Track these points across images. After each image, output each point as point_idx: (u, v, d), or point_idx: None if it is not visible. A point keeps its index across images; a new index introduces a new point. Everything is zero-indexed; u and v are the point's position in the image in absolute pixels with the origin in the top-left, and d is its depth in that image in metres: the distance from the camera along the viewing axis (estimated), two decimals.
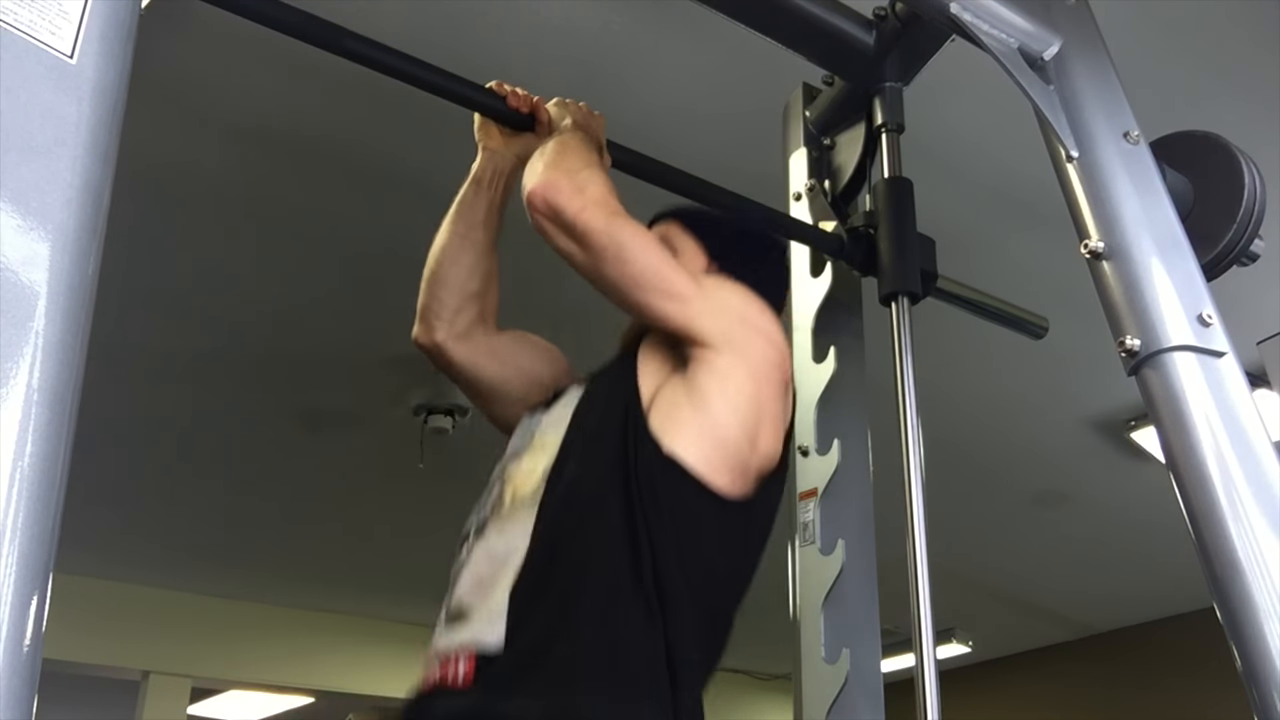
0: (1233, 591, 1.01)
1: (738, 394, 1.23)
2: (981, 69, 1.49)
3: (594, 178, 1.30)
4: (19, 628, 0.54)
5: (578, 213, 1.25)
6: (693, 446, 1.20)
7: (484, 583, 1.22)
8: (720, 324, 1.25)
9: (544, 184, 1.28)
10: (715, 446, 1.21)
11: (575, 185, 1.27)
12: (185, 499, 4.61)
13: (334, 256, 3.11)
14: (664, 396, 1.24)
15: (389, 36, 1.41)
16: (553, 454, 1.27)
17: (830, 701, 1.57)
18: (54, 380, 0.59)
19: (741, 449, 1.23)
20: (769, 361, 1.26)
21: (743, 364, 1.24)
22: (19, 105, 0.63)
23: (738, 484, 1.23)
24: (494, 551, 1.24)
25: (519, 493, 1.27)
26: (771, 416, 1.26)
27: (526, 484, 1.27)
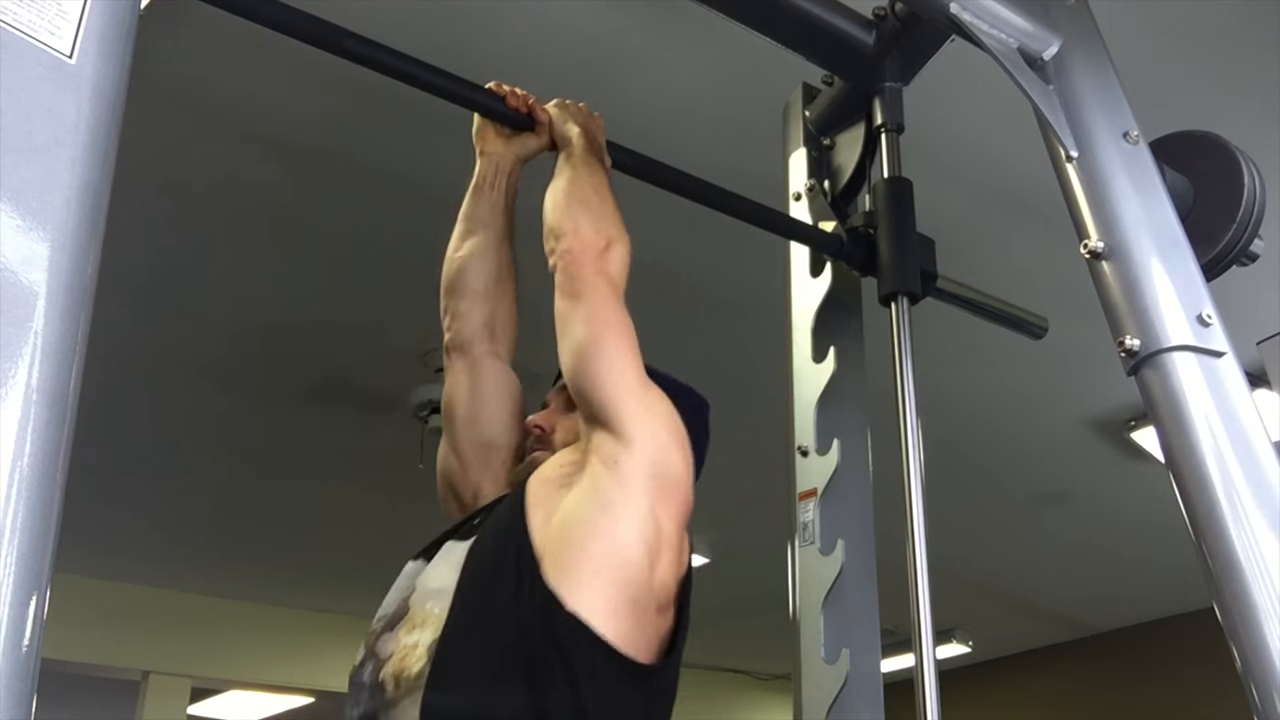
0: (1233, 591, 1.01)
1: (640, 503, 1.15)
2: (981, 69, 1.49)
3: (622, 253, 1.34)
4: (18, 628, 0.54)
5: (593, 275, 1.29)
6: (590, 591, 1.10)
7: None
8: (646, 422, 1.20)
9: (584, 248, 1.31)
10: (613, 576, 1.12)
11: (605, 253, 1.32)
12: (186, 499, 4.61)
13: (334, 257, 3.11)
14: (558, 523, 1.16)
15: (389, 36, 1.41)
16: (436, 630, 1.15)
17: (830, 701, 1.57)
18: (53, 380, 0.59)
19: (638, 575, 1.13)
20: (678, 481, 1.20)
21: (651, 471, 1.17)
22: (18, 105, 0.63)
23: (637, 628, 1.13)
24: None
25: (402, 675, 1.15)
26: (670, 542, 1.17)
27: (408, 664, 1.15)
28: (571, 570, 1.12)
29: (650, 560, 1.14)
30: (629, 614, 1.12)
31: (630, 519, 1.14)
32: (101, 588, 5.36)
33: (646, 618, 1.15)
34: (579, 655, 1.09)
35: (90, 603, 5.27)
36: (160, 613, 5.54)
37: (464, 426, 1.45)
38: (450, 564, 1.23)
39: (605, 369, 1.22)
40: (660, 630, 1.18)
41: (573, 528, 1.15)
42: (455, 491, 1.45)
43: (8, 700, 0.53)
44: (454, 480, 1.45)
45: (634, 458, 1.17)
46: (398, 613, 1.24)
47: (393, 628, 1.22)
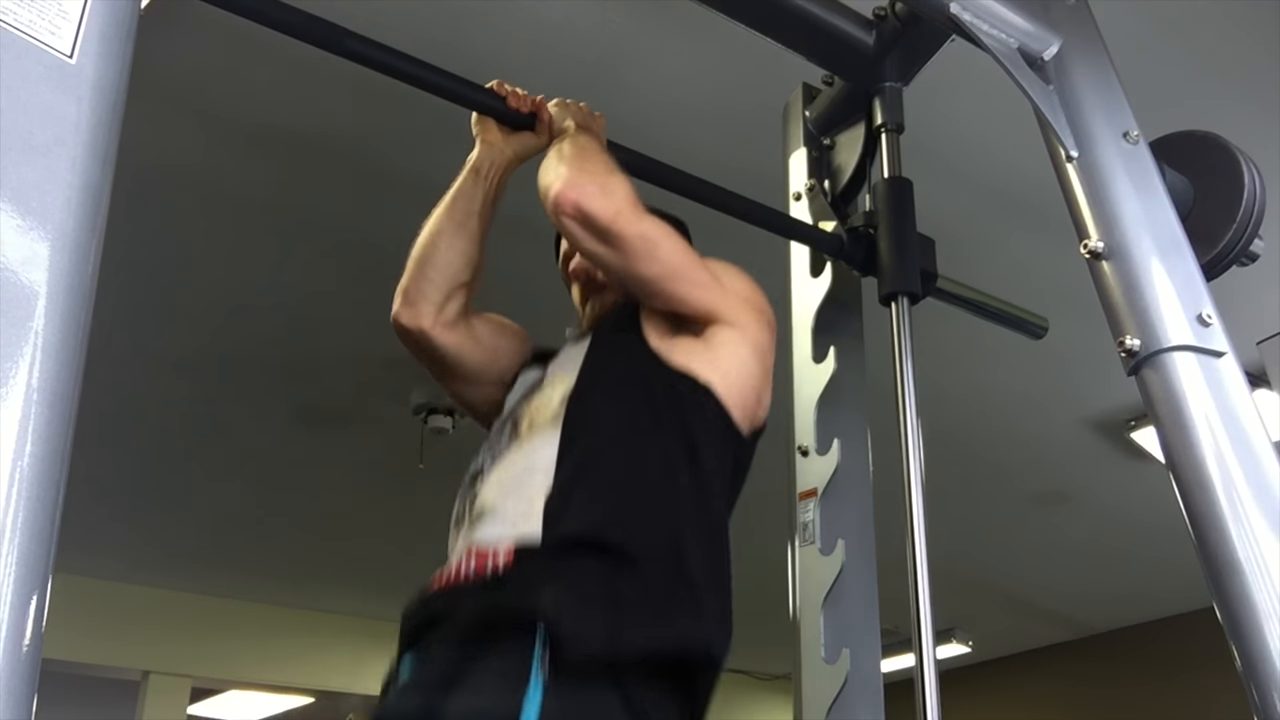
0: (1233, 591, 1.01)
1: (749, 359, 1.36)
2: (981, 69, 1.49)
3: (619, 181, 1.35)
4: (19, 628, 0.54)
5: (612, 218, 1.30)
6: (721, 382, 1.31)
7: (509, 488, 1.25)
8: (734, 306, 1.37)
9: (572, 188, 1.31)
10: (737, 391, 1.33)
11: (603, 189, 1.32)
12: (186, 499, 4.61)
13: (334, 256, 3.11)
14: (681, 347, 1.34)
15: (389, 36, 1.41)
16: (569, 384, 1.33)
17: (830, 701, 1.57)
18: (54, 380, 0.59)
19: (752, 402, 1.35)
20: (766, 337, 1.40)
21: (748, 339, 1.36)
22: (19, 105, 0.63)
23: (744, 424, 1.35)
24: (516, 467, 1.28)
25: (536, 420, 1.32)
26: (767, 382, 1.40)
27: (544, 412, 1.32)
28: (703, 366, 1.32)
29: (759, 392, 1.37)
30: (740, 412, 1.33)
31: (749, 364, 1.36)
32: (101, 588, 5.36)
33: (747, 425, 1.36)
34: (700, 408, 1.29)
35: (90, 603, 5.27)
36: (160, 613, 5.54)
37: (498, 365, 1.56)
38: (575, 352, 1.42)
39: (690, 289, 1.34)
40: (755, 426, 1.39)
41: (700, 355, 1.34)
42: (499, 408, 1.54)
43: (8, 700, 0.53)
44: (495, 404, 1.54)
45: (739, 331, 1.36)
46: (528, 391, 1.42)
47: (527, 398, 1.40)
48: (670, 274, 1.34)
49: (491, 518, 1.23)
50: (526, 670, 1.06)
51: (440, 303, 1.51)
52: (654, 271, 1.33)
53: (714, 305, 1.35)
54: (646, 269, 1.32)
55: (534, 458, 1.26)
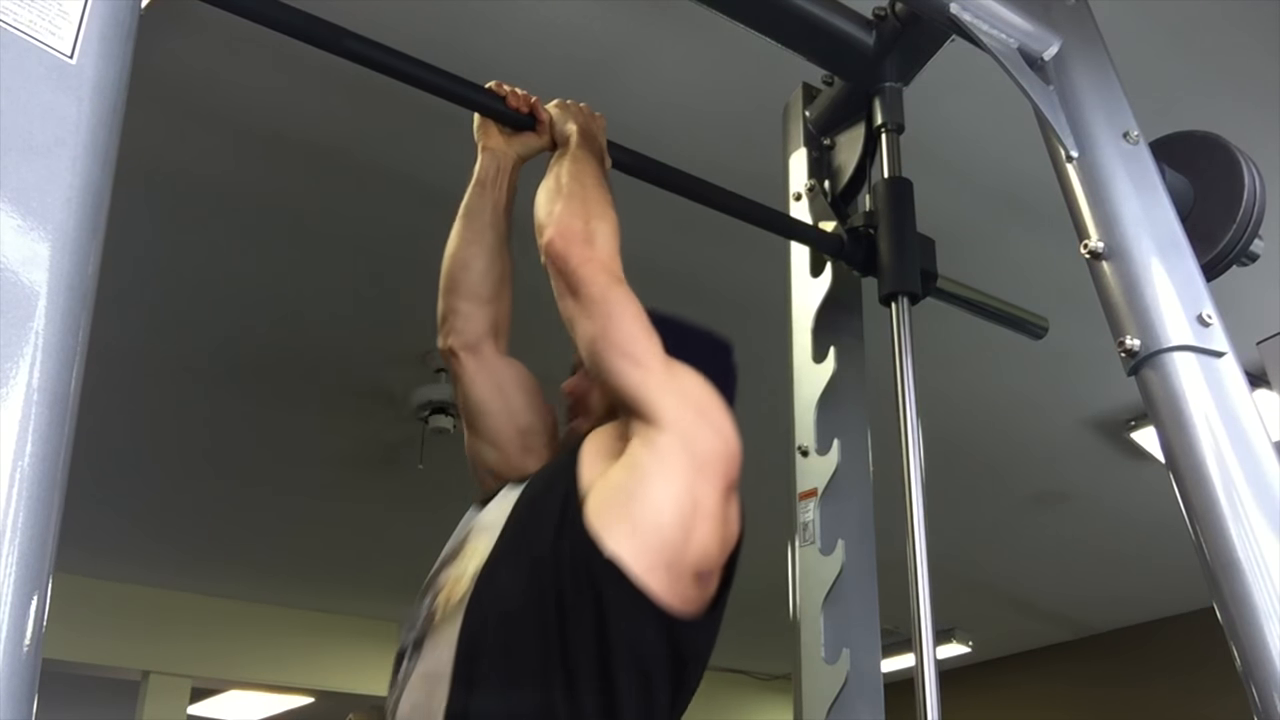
0: (1233, 591, 1.01)
1: (677, 479, 1.18)
2: (981, 69, 1.49)
3: (606, 231, 1.32)
4: (19, 628, 0.54)
5: (581, 264, 1.27)
6: (628, 542, 1.14)
7: (419, 709, 1.18)
8: (674, 405, 1.21)
9: (562, 233, 1.29)
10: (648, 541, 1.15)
11: (588, 236, 1.29)
12: (185, 499, 4.61)
13: (335, 257, 3.11)
14: (602, 483, 1.20)
15: (389, 36, 1.41)
16: (482, 558, 1.24)
17: (830, 701, 1.57)
18: (54, 380, 0.59)
19: (674, 542, 1.16)
20: (715, 455, 1.21)
21: (685, 451, 1.19)
22: (19, 105, 0.63)
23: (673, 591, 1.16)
24: (427, 672, 1.20)
25: (449, 602, 1.24)
26: (709, 513, 1.19)
27: (455, 591, 1.24)
28: (611, 524, 1.16)
29: (685, 531, 1.17)
30: (665, 573, 1.16)
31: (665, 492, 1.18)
32: (101, 588, 5.36)
33: (683, 583, 1.18)
34: (610, 591, 1.13)
35: (90, 603, 5.27)
36: (160, 613, 5.53)
37: (498, 421, 1.48)
38: (504, 505, 1.32)
39: (621, 363, 1.24)
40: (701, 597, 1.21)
41: (615, 492, 1.19)
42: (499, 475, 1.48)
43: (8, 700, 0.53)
44: (496, 468, 1.48)
45: (670, 439, 1.20)
46: (453, 551, 1.34)
47: (447, 564, 1.32)
48: (612, 339, 1.23)
49: None
50: None
51: (462, 324, 1.49)
52: (600, 331, 1.24)
53: (643, 392, 1.21)
54: (594, 326, 1.25)
55: (439, 663, 1.18)
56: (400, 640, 1.30)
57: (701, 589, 1.21)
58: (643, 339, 1.25)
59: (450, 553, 1.34)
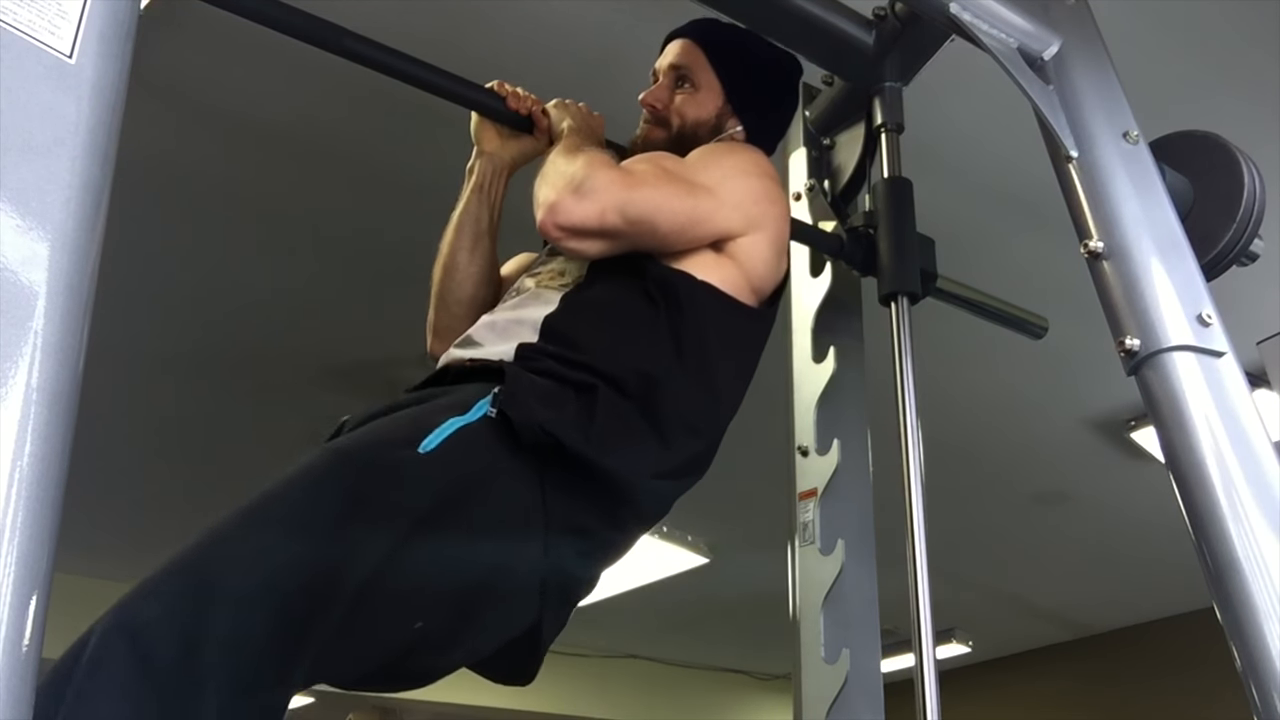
0: (1233, 591, 1.01)
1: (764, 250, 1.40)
2: (981, 69, 1.49)
3: (583, 166, 1.31)
4: (18, 628, 0.54)
5: (599, 218, 1.28)
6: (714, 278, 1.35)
7: (499, 328, 1.31)
8: (741, 216, 1.38)
9: (550, 212, 1.29)
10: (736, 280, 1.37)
11: (578, 194, 1.27)
12: (186, 499, 4.60)
13: (334, 256, 3.11)
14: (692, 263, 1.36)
15: (389, 36, 1.41)
16: (580, 269, 1.37)
17: (830, 701, 1.57)
18: (54, 380, 0.59)
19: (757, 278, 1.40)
20: (781, 221, 1.44)
21: (765, 236, 1.40)
22: (18, 105, 0.63)
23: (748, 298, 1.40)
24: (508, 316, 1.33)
25: (542, 280, 1.38)
26: (779, 253, 1.44)
27: (553, 281, 1.37)
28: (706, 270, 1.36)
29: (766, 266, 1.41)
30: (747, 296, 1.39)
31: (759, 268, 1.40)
32: (101, 588, 5.33)
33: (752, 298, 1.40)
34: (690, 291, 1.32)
35: (90, 603, 5.24)
36: None
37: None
38: None
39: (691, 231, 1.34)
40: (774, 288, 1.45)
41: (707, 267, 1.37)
42: None
43: (8, 700, 0.53)
44: None
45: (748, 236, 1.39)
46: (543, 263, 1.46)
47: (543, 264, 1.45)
48: (675, 233, 1.34)
49: (471, 345, 1.32)
50: (469, 405, 1.13)
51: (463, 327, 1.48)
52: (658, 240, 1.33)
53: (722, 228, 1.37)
54: (650, 241, 1.33)
55: (528, 312, 1.31)
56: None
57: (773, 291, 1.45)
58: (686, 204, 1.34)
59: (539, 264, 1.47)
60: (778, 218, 1.44)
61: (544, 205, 1.29)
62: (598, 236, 1.29)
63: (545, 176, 1.34)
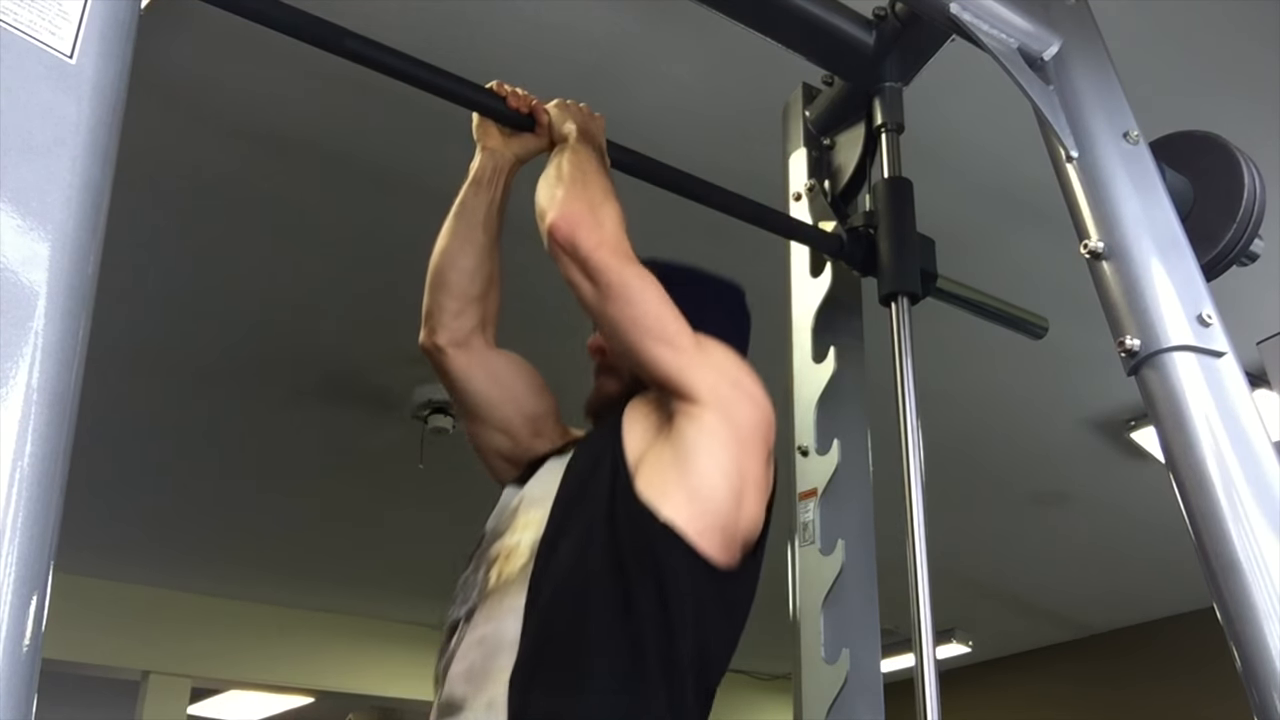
0: (1233, 591, 1.01)
1: (723, 452, 1.23)
2: (981, 69, 1.49)
3: (612, 214, 1.32)
4: (19, 628, 0.54)
5: (593, 249, 1.26)
6: (684, 510, 1.19)
7: (476, 672, 1.20)
8: (710, 381, 1.25)
9: (566, 216, 1.28)
10: (703, 509, 1.21)
11: (596, 220, 1.29)
12: (186, 499, 4.61)
13: (335, 257, 3.11)
14: (650, 458, 1.24)
15: (389, 36, 1.41)
16: (539, 529, 1.26)
17: (830, 701, 1.57)
18: (54, 380, 0.59)
19: (727, 511, 1.22)
20: (755, 425, 1.26)
21: (728, 424, 1.24)
22: (19, 105, 0.63)
23: (725, 552, 1.23)
24: (484, 638, 1.22)
25: (505, 572, 1.25)
26: (755, 481, 1.26)
27: (513, 562, 1.25)
28: (666, 494, 1.21)
29: (737, 501, 1.23)
30: (718, 537, 1.21)
31: (715, 465, 1.22)
32: (101, 588, 5.35)
33: (733, 547, 1.24)
34: (667, 555, 1.18)
35: (90, 603, 5.27)
36: (160, 613, 5.53)
37: (504, 410, 1.51)
38: (551, 476, 1.34)
39: (654, 347, 1.26)
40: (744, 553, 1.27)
41: (666, 466, 1.23)
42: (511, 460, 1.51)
43: (8, 700, 0.53)
44: (509, 454, 1.51)
45: (711, 413, 1.24)
46: (502, 525, 1.35)
47: (497, 538, 1.33)
48: (640, 323, 1.25)
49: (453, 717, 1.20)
50: None
51: (451, 321, 1.50)
52: (625, 316, 1.26)
53: (680, 374, 1.24)
54: (618, 311, 1.26)
55: (499, 629, 1.20)
56: (449, 615, 1.32)
57: (745, 548, 1.27)
58: (670, 319, 1.27)
59: (498, 528, 1.35)
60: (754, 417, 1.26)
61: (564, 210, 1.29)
62: (579, 267, 1.27)
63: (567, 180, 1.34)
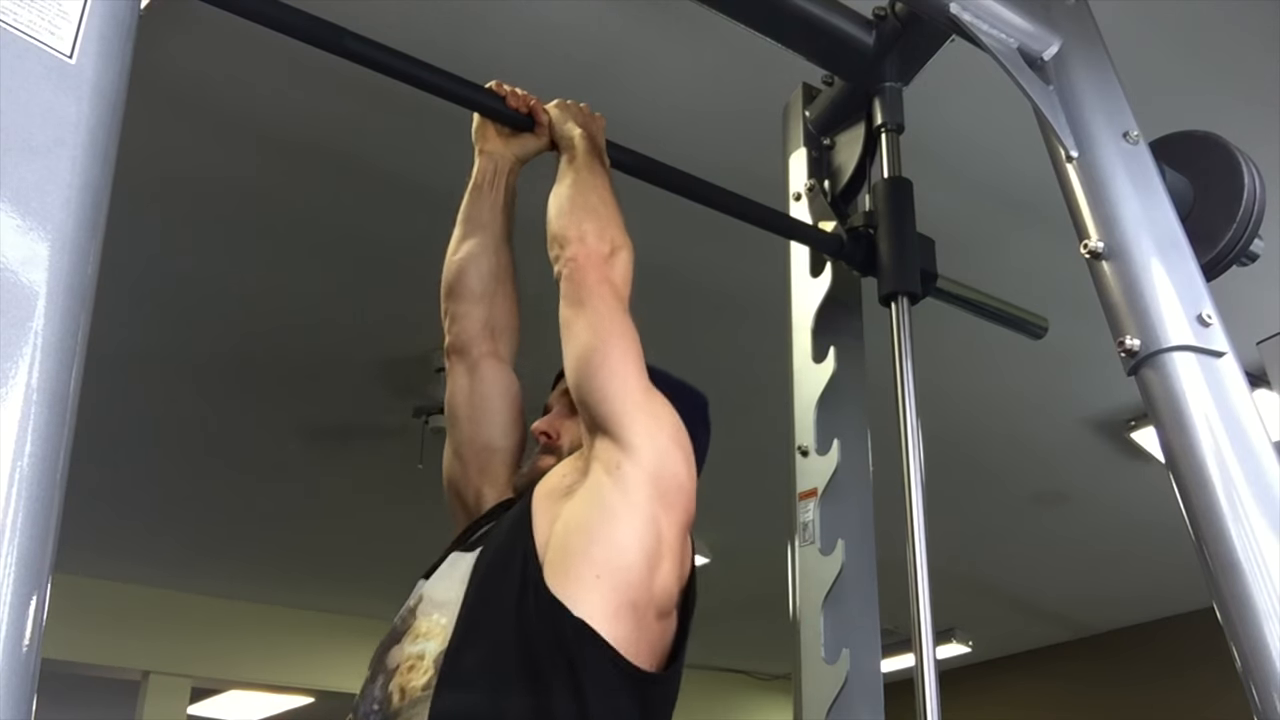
0: (1233, 591, 1.01)
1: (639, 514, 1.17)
2: (981, 69, 1.49)
3: (626, 258, 1.34)
4: (19, 628, 0.54)
5: (597, 283, 1.29)
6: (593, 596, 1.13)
7: None
8: (646, 429, 1.21)
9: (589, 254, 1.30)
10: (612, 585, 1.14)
11: (611, 260, 1.32)
12: (186, 499, 4.61)
13: (336, 257, 3.11)
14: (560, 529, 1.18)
15: (389, 36, 1.41)
16: (444, 639, 1.17)
17: (830, 701, 1.57)
18: (54, 380, 0.59)
19: (638, 580, 1.15)
20: (679, 487, 1.21)
21: (651, 481, 1.19)
22: (19, 105, 0.63)
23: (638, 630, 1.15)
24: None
25: (408, 688, 1.16)
26: (671, 548, 1.20)
27: (414, 677, 1.17)
28: (573, 575, 1.14)
29: (650, 566, 1.17)
30: (630, 617, 1.14)
31: (630, 525, 1.16)
32: (101, 588, 5.36)
33: (646, 622, 1.17)
34: (584, 658, 1.11)
35: (90, 603, 5.27)
36: (160, 613, 5.53)
37: (466, 428, 1.47)
38: (456, 576, 1.25)
39: (608, 378, 1.24)
40: (663, 636, 1.21)
41: (573, 533, 1.17)
42: (459, 494, 1.46)
43: (8, 700, 0.53)
44: (457, 484, 1.46)
45: (637, 465, 1.19)
46: (402, 628, 1.25)
47: (399, 640, 1.24)
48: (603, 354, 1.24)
49: None
50: None
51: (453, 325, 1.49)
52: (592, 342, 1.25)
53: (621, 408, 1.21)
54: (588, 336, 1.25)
55: None
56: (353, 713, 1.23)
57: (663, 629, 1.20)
58: (634, 365, 1.25)
59: (399, 630, 1.26)
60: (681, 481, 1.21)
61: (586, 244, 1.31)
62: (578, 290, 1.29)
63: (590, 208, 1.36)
